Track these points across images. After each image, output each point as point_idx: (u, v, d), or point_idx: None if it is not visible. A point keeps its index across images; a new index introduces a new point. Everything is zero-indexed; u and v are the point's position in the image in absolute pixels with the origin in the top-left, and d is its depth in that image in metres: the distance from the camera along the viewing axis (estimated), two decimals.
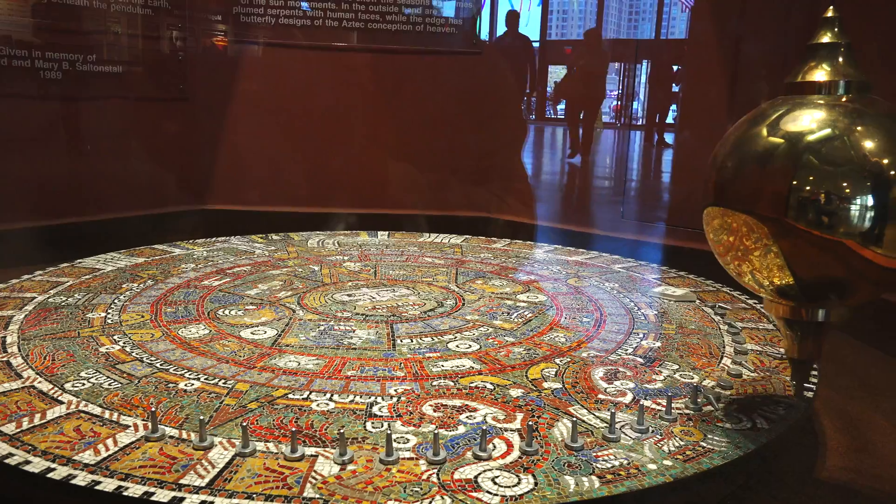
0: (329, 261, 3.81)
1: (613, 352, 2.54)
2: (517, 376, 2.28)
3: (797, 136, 1.72)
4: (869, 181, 1.63)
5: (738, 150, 1.83)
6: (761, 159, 1.76)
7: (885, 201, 1.63)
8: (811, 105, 1.77)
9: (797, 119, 1.75)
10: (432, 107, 5.14)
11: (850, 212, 1.63)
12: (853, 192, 1.63)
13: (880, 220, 1.63)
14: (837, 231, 1.64)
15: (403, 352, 2.47)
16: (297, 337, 2.59)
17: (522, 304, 3.10)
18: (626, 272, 3.75)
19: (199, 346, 2.49)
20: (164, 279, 3.34)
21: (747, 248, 1.80)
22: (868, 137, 1.66)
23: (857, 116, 1.70)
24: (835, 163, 1.66)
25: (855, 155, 1.65)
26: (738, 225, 1.80)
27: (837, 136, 1.68)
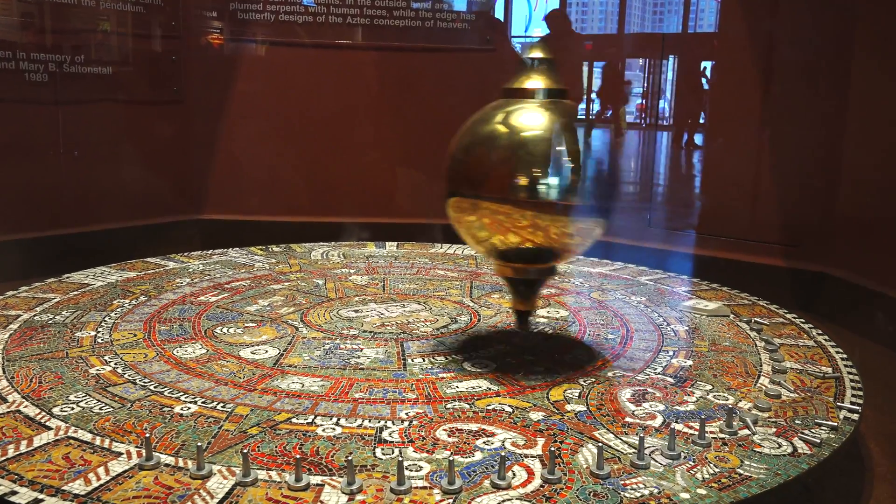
0: (334, 274, 3.82)
1: (641, 371, 2.53)
2: (538, 398, 2.27)
3: (517, 131, 2.36)
4: (558, 168, 2.33)
5: (468, 144, 2.43)
6: (489, 151, 2.37)
7: (567, 184, 2.32)
8: (527, 107, 2.40)
9: (517, 118, 2.38)
10: (443, 108, 5.14)
11: (544, 191, 2.30)
12: (550, 175, 2.31)
13: (563, 196, 2.32)
14: (541, 206, 2.30)
15: (415, 372, 2.47)
16: (300, 356, 2.59)
17: (542, 320, 3.09)
18: (653, 284, 3.74)
19: (196, 366, 2.49)
20: (157, 295, 3.35)
21: (482, 224, 2.40)
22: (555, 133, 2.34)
23: (554, 116, 2.36)
24: (540, 154, 2.32)
25: (552, 149, 2.33)
26: (473, 204, 2.39)
27: (544, 133, 2.34)
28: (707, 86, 5.26)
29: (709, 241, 4.32)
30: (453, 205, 2.45)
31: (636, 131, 7.59)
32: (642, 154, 7.18)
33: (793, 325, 3.12)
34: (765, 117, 4.15)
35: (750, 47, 4.19)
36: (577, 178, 2.34)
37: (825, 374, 2.54)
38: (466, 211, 2.40)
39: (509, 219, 2.33)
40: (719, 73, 4.66)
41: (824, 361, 2.68)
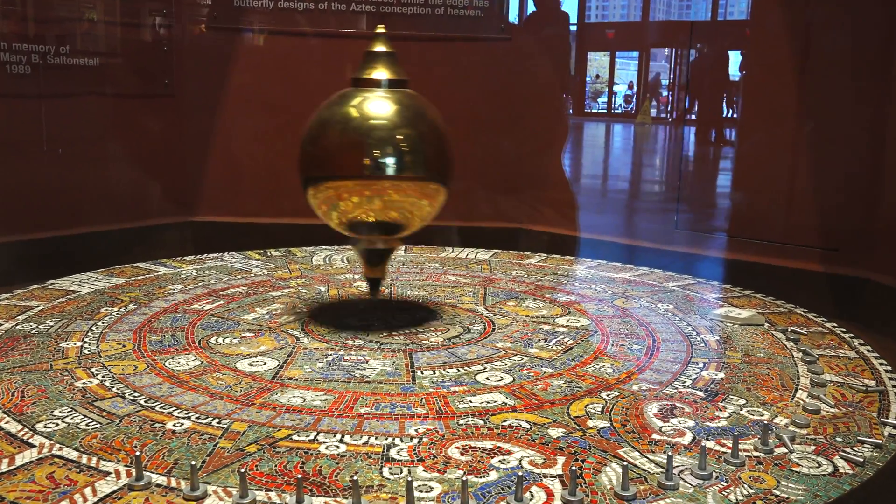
0: (337, 280, 3.82)
1: (669, 384, 2.53)
2: (557, 413, 2.27)
3: (367, 117, 2.89)
4: (395, 147, 2.86)
5: (321, 132, 2.93)
6: (342, 135, 2.88)
7: (402, 163, 2.86)
8: (373, 95, 2.94)
9: (365, 105, 2.91)
10: (454, 102, 5.13)
11: (388, 168, 2.84)
12: (390, 155, 2.85)
13: (404, 171, 2.86)
14: (385, 182, 2.85)
15: (425, 385, 2.47)
16: (301, 369, 2.60)
17: (562, 330, 3.09)
18: (681, 291, 3.73)
19: (190, 379, 2.49)
20: (148, 302, 3.36)
21: (335, 202, 2.91)
22: (397, 116, 2.90)
23: (396, 103, 2.92)
24: (385, 137, 2.86)
25: (393, 133, 2.87)
26: (327, 185, 2.91)
27: (387, 117, 2.89)
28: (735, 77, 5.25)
29: (741, 244, 4.30)
30: (310, 185, 2.95)
31: (662, 126, 7.58)
32: (668, 151, 7.17)
33: (833, 334, 3.11)
34: (801, 112, 4.13)
35: (785, 36, 4.18)
36: (415, 157, 2.90)
37: (868, 387, 2.53)
38: (321, 190, 2.93)
39: (359, 195, 2.87)
40: (752, 63, 4.64)
41: (867, 374, 2.67)
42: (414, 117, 2.93)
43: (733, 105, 6.07)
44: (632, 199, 6.56)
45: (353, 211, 2.91)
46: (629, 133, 9.61)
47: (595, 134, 9.51)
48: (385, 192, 2.87)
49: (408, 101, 2.97)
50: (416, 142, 2.90)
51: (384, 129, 2.87)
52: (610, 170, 8.03)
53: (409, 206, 2.95)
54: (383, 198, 2.87)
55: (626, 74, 9.51)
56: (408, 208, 2.95)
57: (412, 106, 2.96)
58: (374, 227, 2.97)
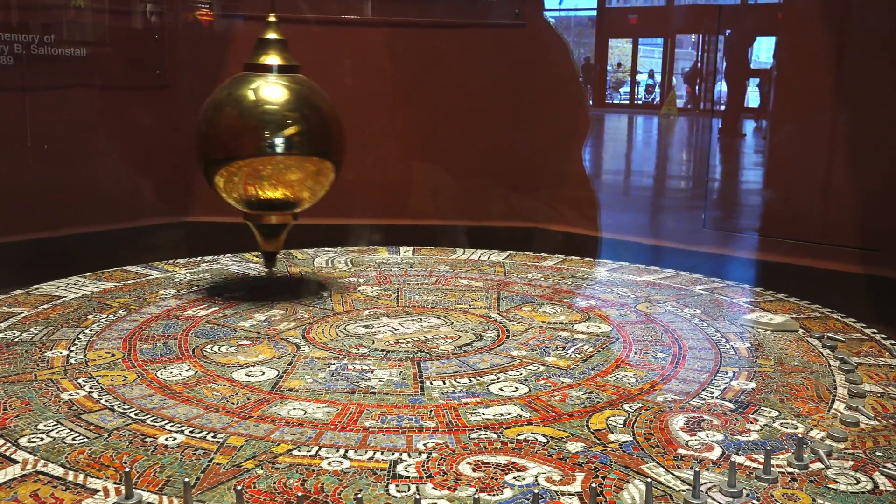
0: (341, 284, 3.82)
1: (696, 395, 2.52)
2: (576, 426, 2.27)
3: (261, 101, 3.34)
4: (280, 128, 3.32)
5: (216, 115, 3.36)
6: (239, 118, 3.33)
7: (290, 143, 3.33)
8: (266, 81, 3.39)
9: (260, 90, 3.36)
10: (467, 94, 5.14)
11: (279, 147, 3.31)
12: (280, 135, 3.31)
13: (288, 151, 3.33)
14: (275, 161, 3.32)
15: (434, 396, 2.47)
16: (302, 379, 2.60)
17: (581, 337, 3.08)
18: (709, 295, 3.72)
19: (183, 391, 2.50)
20: (138, 308, 3.36)
21: (233, 180, 3.35)
22: (288, 100, 3.37)
23: (287, 89, 3.39)
24: (275, 120, 3.32)
25: (284, 116, 3.34)
26: (227, 165, 3.35)
27: (279, 101, 3.35)
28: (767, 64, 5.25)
29: (774, 244, 4.29)
30: (210, 165, 3.39)
31: (688, 118, 7.57)
32: (695, 144, 7.16)
33: (872, 341, 3.10)
34: (838, 101, 4.12)
35: (820, 19, 4.17)
36: (302, 138, 3.35)
37: None
38: (220, 169, 3.35)
39: (254, 173, 3.32)
40: (785, 49, 4.63)
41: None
42: (303, 101, 3.40)
43: (765, 95, 6.06)
44: (656, 197, 6.55)
45: (248, 188, 3.36)
46: (653, 125, 9.61)
47: (617, 126, 9.51)
48: (277, 170, 3.33)
49: (298, 86, 3.42)
50: (303, 124, 3.36)
51: (276, 113, 3.33)
52: (633, 165, 8.02)
53: (298, 183, 3.39)
54: (276, 175, 3.33)
55: (649, 63, 9.49)
56: (297, 185, 3.39)
57: (302, 91, 3.42)
58: (268, 203, 3.41)
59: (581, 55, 7.80)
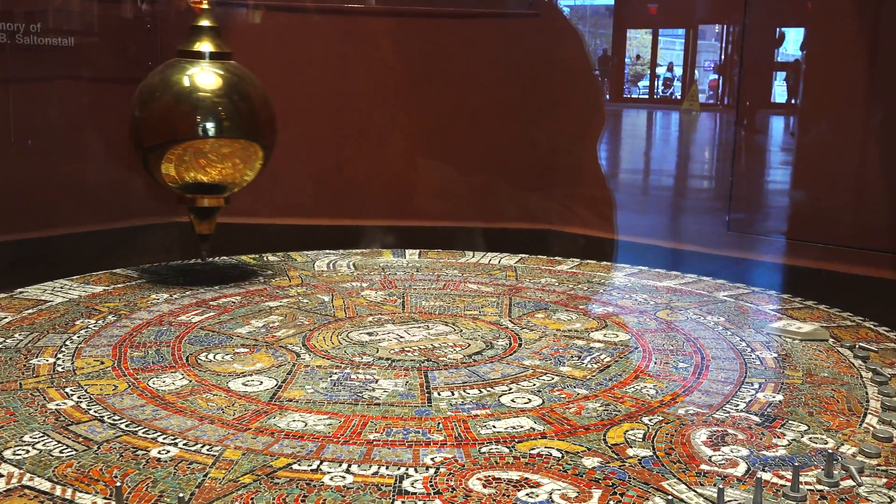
0: (343, 289, 3.83)
1: (720, 407, 2.52)
2: (592, 440, 2.27)
3: (196, 88, 3.65)
4: (216, 114, 3.65)
5: (151, 101, 3.67)
6: (175, 104, 3.63)
7: (220, 125, 3.65)
8: (200, 68, 3.69)
9: (195, 76, 3.67)
10: (476, 88, 5.14)
11: (210, 131, 3.63)
12: (212, 120, 3.63)
13: (219, 135, 3.65)
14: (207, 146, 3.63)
15: (442, 408, 2.47)
16: (302, 389, 2.60)
17: (598, 345, 3.09)
18: (734, 301, 3.72)
19: (176, 401, 2.50)
20: (129, 314, 3.37)
21: (167, 165, 3.65)
22: (220, 87, 3.68)
23: (219, 76, 3.69)
24: (207, 106, 3.64)
25: (216, 102, 3.66)
26: (161, 151, 3.64)
27: (212, 88, 3.67)
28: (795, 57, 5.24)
29: (802, 248, 4.30)
30: (148, 152, 3.68)
31: (711, 113, 7.56)
32: (719, 142, 7.15)
33: None
34: (871, 97, 4.12)
35: (852, 9, 4.17)
36: (232, 122, 3.66)
37: None
38: (168, 156, 3.63)
39: (187, 157, 3.62)
40: (814, 42, 4.63)
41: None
42: (232, 88, 3.72)
43: (794, 90, 6.05)
44: (677, 197, 6.55)
45: (182, 172, 3.67)
46: (674, 121, 9.59)
47: (635, 122, 9.50)
48: (214, 151, 3.65)
49: (229, 73, 3.73)
50: (231, 109, 3.68)
51: (207, 99, 3.65)
52: (652, 163, 8.02)
53: (229, 167, 3.70)
54: (207, 159, 3.65)
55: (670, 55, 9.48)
56: (228, 169, 3.71)
57: (232, 78, 3.73)
58: (201, 187, 3.72)
59: (598, 47, 7.80)
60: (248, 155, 3.74)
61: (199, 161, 3.64)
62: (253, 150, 3.74)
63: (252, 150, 3.74)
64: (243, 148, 3.71)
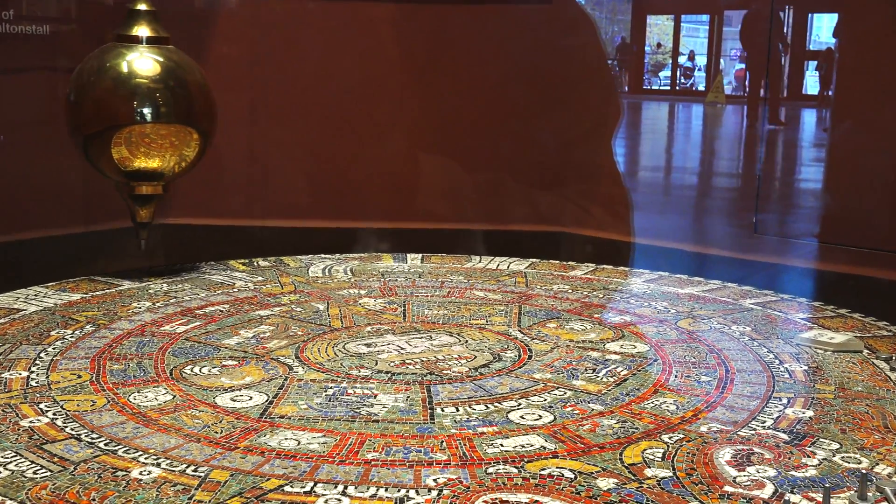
0: (339, 296, 3.83)
1: (745, 424, 2.52)
2: (608, 460, 2.27)
3: (134, 74, 3.83)
4: (153, 100, 3.84)
5: (88, 89, 3.84)
6: (115, 89, 3.82)
7: (157, 111, 3.84)
8: (138, 53, 3.88)
9: (133, 62, 3.86)
10: (483, 80, 5.14)
11: (148, 116, 3.83)
12: (149, 106, 3.83)
13: (156, 121, 3.84)
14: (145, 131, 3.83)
15: (446, 425, 2.47)
16: (295, 405, 2.61)
17: (614, 357, 3.09)
18: (761, 310, 3.72)
19: (159, 417, 2.50)
20: (108, 324, 3.37)
21: (110, 149, 3.82)
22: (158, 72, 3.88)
23: (157, 62, 3.89)
24: (145, 92, 3.83)
25: (146, 87, 3.85)
26: (101, 138, 3.83)
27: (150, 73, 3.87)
28: None
29: (835, 252, 4.29)
30: (88, 139, 3.86)
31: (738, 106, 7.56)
32: (745, 137, 7.15)
33: None
34: None
35: None
36: (169, 108, 3.85)
37: None
38: (100, 144, 3.82)
39: (128, 142, 3.81)
40: (848, 29, 4.63)
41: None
42: (169, 74, 3.90)
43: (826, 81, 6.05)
44: (700, 197, 6.54)
45: (134, 152, 3.85)
46: (698, 115, 9.58)
47: (656, 116, 9.49)
48: (150, 135, 3.85)
49: (167, 59, 3.92)
50: (168, 96, 3.86)
51: (145, 85, 3.84)
52: (674, 160, 8.01)
53: (169, 151, 3.91)
54: (146, 145, 3.85)
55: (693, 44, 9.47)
56: (167, 154, 3.91)
57: (169, 64, 3.92)
58: (139, 173, 3.92)
59: (616, 34, 7.80)
60: (184, 140, 3.93)
61: (143, 141, 3.83)
62: (189, 136, 3.94)
63: (189, 137, 3.94)
64: (179, 132, 3.91)
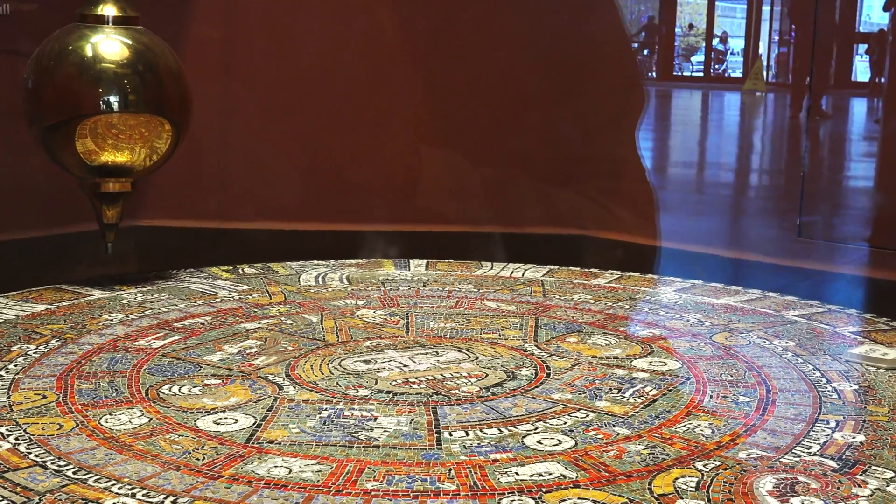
0: (335, 307, 3.83)
1: (789, 450, 2.52)
2: (635, 490, 2.27)
3: (99, 59, 3.80)
4: (121, 87, 3.81)
5: (48, 74, 3.80)
6: (78, 75, 3.79)
7: (125, 99, 3.81)
8: (104, 35, 3.84)
9: (98, 45, 3.81)
10: (491, 66, 5.15)
11: (115, 105, 3.80)
12: (116, 94, 3.80)
13: (123, 110, 3.81)
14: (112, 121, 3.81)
15: (454, 451, 2.48)
16: (286, 428, 2.61)
17: (642, 376, 3.09)
18: (806, 322, 3.72)
19: (134, 443, 2.51)
20: (76, 338, 3.37)
21: (74, 140, 3.78)
22: (125, 56, 3.84)
23: (125, 44, 3.85)
24: (111, 78, 3.80)
25: (113, 72, 3.81)
26: (65, 128, 3.78)
27: (117, 58, 3.83)
28: None
29: (888, 257, 4.29)
30: (48, 130, 3.82)
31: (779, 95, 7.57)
32: (788, 129, 7.15)
33: None
34: None
35: None
36: (138, 96, 3.84)
37: None
38: (62, 136, 3.79)
39: (94, 134, 3.78)
40: None
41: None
42: (138, 58, 3.88)
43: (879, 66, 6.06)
44: (738, 196, 6.55)
45: (101, 144, 3.81)
46: (734, 104, 9.58)
47: (687, 105, 9.50)
48: (117, 126, 3.82)
49: (136, 42, 3.89)
50: (137, 82, 3.85)
51: (111, 70, 3.80)
52: (708, 155, 8.02)
53: (138, 145, 3.87)
54: (114, 136, 3.82)
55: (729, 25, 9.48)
56: (137, 147, 3.88)
57: (139, 47, 3.89)
58: (106, 169, 3.88)
59: (643, 14, 7.81)
60: (155, 131, 3.91)
61: (111, 132, 3.79)
62: (161, 127, 3.92)
63: (160, 128, 3.91)
64: (150, 123, 3.88)
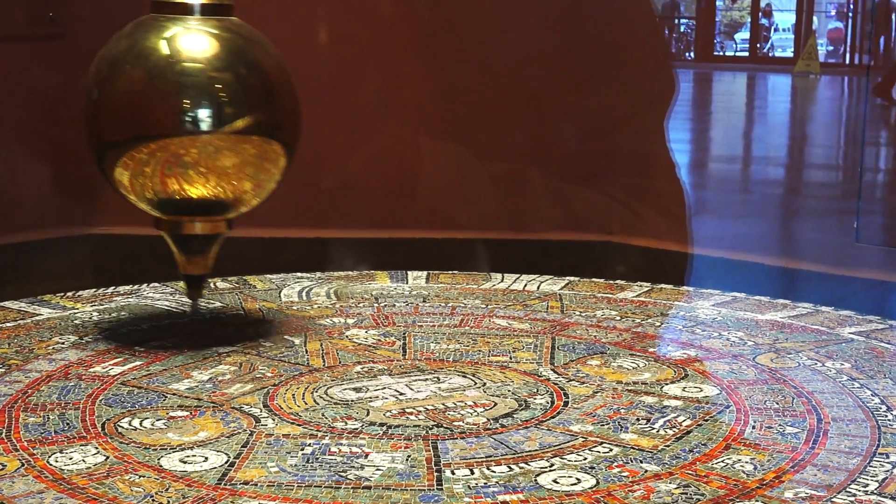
0: (320, 326, 3.84)
1: (843, 488, 2.53)
2: None
3: (179, 57, 3.32)
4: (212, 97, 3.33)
5: (113, 80, 3.40)
6: (150, 80, 3.32)
7: (220, 118, 3.31)
8: (186, 27, 3.36)
9: (177, 40, 3.33)
10: (500, 53, 5.17)
11: (204, 123, 3.29)
12: (205, 107, 3.30)
13: (217, 129, 3.31)
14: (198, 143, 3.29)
15: (457, 492, 2.49)
16: (263, 467, 2.62)
17: (674, 403, 3.10)
18: (864, 341, 3.73)
19: (88, 485, 2.52)
20: (22, 364, 3.39)
21: (142, 167, 3.32)
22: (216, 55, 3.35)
23: (216, 39, 3.37)
24: (198, 83, 3.32)
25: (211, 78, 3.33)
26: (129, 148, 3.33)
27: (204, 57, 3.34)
28: None
29: None
30: (106, 148, 3.41)
31: (836, 77, 7.57)
32: (846, 119, 7.17)
33: None
34: None
35: None
36: (238, 109, 3.36)
37: None
38: (123, 160, 3.35)
39: (169, 160, 3.31)
40: None
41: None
42: (238, 57, 3.42)
43: None
44: (787, 196, 6.56)
45: (166, 182, 3.34)
46: (783, 88, 9.58)
47: (729, 90, 9.52)
48: (204, 155, 3.32)
49: (230, 34, 3.43)
50: (237, 90, 3.39)
51: (200, 73, 3.34)
52: (752, 149, 8.03)
53: (233, 175, 3.39)
54: (204, 162, 3.32)
55: None
56: (232, 178, 3.39)
57: (236, 41, 3.43)
58: (190, 204, 3.42)
59: None
60: (262, 155, 3.44)
61: (188, 165, 3.32)
62: (269, 149, 3.45)
63: (268, 149, 3.45)
64: (254, 146, 3.41)
